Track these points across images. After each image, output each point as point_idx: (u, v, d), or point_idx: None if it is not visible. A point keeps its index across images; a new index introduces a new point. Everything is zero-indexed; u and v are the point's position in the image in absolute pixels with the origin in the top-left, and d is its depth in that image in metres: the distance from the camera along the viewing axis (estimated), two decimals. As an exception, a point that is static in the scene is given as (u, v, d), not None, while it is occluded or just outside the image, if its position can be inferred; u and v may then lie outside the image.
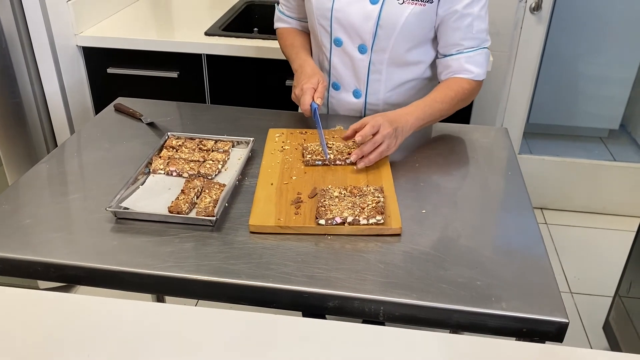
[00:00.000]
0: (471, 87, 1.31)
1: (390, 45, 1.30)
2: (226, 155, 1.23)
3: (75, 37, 1.94)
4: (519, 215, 1.08)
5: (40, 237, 0.99)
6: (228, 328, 0.82)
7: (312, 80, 1.27)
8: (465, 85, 1.30)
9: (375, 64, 1.34)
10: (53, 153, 1.28)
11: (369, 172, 1.16)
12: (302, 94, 1.26)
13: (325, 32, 1.34)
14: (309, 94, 1.25)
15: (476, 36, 1.29)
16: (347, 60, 1.36)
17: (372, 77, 1.36)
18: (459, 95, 1.29)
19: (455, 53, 1.30)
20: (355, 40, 1.32)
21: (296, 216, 1.02)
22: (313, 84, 1.26)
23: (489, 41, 1.32)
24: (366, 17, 1.27)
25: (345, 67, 1.37)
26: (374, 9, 1.26)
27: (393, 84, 1.37)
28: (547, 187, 2.59)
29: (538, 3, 2.20)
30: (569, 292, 2.18)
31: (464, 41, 1.29)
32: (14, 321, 0.83)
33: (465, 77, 1.30)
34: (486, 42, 1.31)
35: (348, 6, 1.28)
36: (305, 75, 1.30)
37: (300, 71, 1.33)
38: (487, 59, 1.32)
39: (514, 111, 2.43)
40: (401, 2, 1.25)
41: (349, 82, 1.39)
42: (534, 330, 0.85)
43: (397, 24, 1.26)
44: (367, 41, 1.31)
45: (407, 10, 1.25)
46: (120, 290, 0.95)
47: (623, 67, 2.68)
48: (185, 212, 1.03)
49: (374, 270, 0.92)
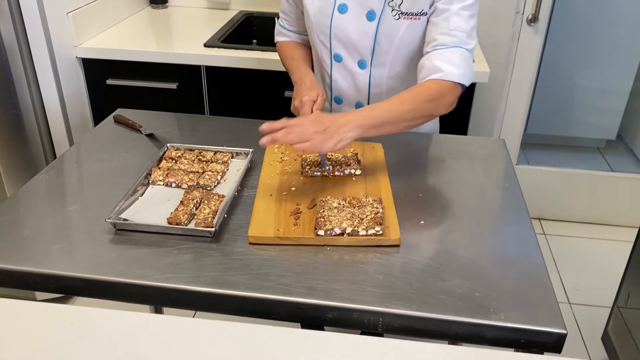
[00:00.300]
0: (439, 87, 1.19)
1: (389, 59, 1.31)
2: (225, 166, 1.23)
3: (74, 48, 1.95)
4: (516, 226, 1.09)
5: (39, 248, 0.99)
6: (227, 339, 0.82)
7: (312, 93, 1.28)
8: (431, 85, 1.19)
9: (376, 77, 1.35)
10: (52, 164, 1.28)
11: (368, 183, 1.17)
12: (301, 106, 1.26)
13: (325, 48, 1.35)
14: (308, 106, 1.25)
15: (452, 33, 1.21)
16: (347, 75, 1.37)
17: (373, 90, 1.37)
18: (421, 95, 1.17)
19: (430, 50, 1.23)
20: (354, 56, 1.33)
21: (295, 227, 1.03)
22: (312, 97, 1.27)
23: (470, 45, 1.23)
24: (364, 33, 1.29)
25: (346, 82, 1.38)
26: (371, 26, 1.28)
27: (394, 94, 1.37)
28: (545, 197, 2.60)
29: (535, 15, 2.22)
30: (568, 302, 2.18)
31: (439, 36, 1.22)
32: (12, 333, 0.83)
33: (434, 76, 1.19)
34: (465, 44, 1.22)
35: (346, 23, 1.29)
36: (304, 87, 1.31)
37: (300, 84, 1.34)
38: (463, 59, 1.21)
39: (511, 122, 2.44)
40: (397, 17, 1.26)
41: (350, 96, 1.40)
42: (532, 342, 0.85)
43: (395, 39, 1.28)
44: (366, 57, 1.32)
45: (403, 26, 1.26)
46: (118, 301, 0.95)
47: (619, 78, 2.70)
48: (184, 223, 1.03)
49: (373, 281, 0.92)
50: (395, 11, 1.26)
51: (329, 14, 1.30)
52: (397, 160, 1.28)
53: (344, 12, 1.29)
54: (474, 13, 1.25)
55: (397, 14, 1.26)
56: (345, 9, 1.28)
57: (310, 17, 1.33)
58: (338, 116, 1.11)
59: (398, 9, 1.25)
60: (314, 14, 1.32)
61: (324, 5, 1.30)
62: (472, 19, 1.24)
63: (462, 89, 1.23)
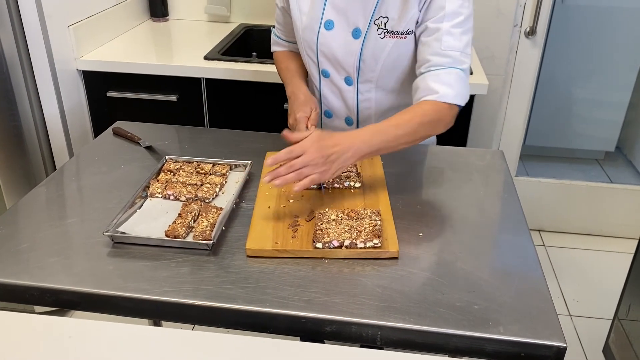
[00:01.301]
0: (436, 109, 1.18)
1: (376, 77, 1.31)
2: (224, 178, 1.23)
3: (75, 61, 1.96)
4: (515, 238, 1.08)
5: (36, 261, 0.99)
6: (225, 353, 0.82)
7: (305, 109, 1.29)
8: (427, 106, 1.18)
9: (363, 93, 1.35)
10: (51, 176, 1.28)
11: (366, 196, 1.17)
12: (296, 123, 1.27)
13: (313, 64, 1.36)
14: (302, 123, 1.26)
15: (445, 53, 1.19)
16: (335, 90, 1.37)
17: (362, 105, 1.37)
18: (417, 118, 1.16)
19: (425, 71, 1.22)
20: (341, 72, 1.33)
21: (293, 240, 1.02)
22: (306, 113, 1.28)
23: (465, 64, 1.21)
24: (349, 51, 1.29)
25: (335, 97, 1.39)
26: (356, 43, 1.28)
27: (383, 109, 1.38)
28: (545, 209, 2.59)
29: (532, 27, 2.23)
30: (568, 315, 2.17)
31: (432, 57, 1.20)
32: (9, 345, 0.82)
33: (430, 98, 1.18)
34: (460, 63, 1.20)
35: (332, 40, 1.30)
36: (297, 103, 1.32)
37: (293, 98, 1.35)
38: (459, 80, 1.19)
39: (510, 134, 2.45)
40: (382, 36, 1.25)
41: (339, 110, 1.41)
42: (532, 355, 0.85)
43: (380, 58, 1.28)
44: (352, 74, 1.32)
45: (389, 45, 1.26)
46: (116, 315, 0.95)
47: (618, 90, 2.71)
48: (182, 236, 1.03)
49: (372, 294, 0.92)
50: (380, 29, 1.25)
51: (315, 30, 1.30)
52: (396, 173, 1.28)
53: (330, 28, 1.29)
54: (467, 29, 1.22)
55: (383, 32, 1.25)
56: (331, 26, 1.29)
57: (299, 32, 1.34)
58: (340, 141, 1.08)
59: (384, 27, 1.25)
60: (302, 29, 1.32)
61: (311, 21, 1.30)
62: (465, 35, 1.21)
63: (459, 108, 1.22)
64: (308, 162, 1.05)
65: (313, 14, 1.30)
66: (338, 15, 1.28)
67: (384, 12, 1.24)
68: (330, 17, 1.28)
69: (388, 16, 1.24)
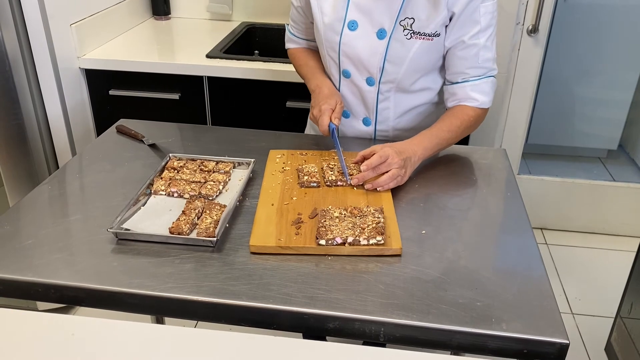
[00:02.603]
0: (476, 114, 1.31)
1: (399, 77, 1.31)
2: (227, 176, 1.23)
3: (78, 59, 1.97)
4: (518, 236, 1.08)
5: (40, 258, 0.99)
6: (228, 350, 0.82)
7: (330, 102, 1.29)
8: (471, 112, 1.30)
9: (384, 93, 1.35)
10: (55, 174, 1.29)
11: (369, 193, 1.17)
12: (320, 114, 1.27)
13: (334, 64, 1.35)
14: (327, 115, 1.26)
15: (482, 65, 1.28)
16: (355, 90, 1.37)
17: (381, 105, 1.37)
18: (465, 123, 1.29)
19: (461, 81, 1.30)
20: (363, 73, 1.33)
21: (297, 237, 1.03)
22: (331, 105, 1.28)
23: (495, 70, 1.32)
24: (373, 52, 1.28)
25: (354, 97, 1.38)
26: (381, 44, 1.27)
27: (401, 110, 1.38)
28: (547, 207, 2.59)
29: (535, 26, 2.23)
30: (570, 312, 2.17)
31: (470, 70, 1.29)
32: (13, 343, 0.82)
33: (470, 104, 1.30)
34: (492, 70, 1.31)
35: (355, 41, 1.28)
36: (322, 96, 1.32)
37: (317, 92, 1.34)
38: (492, 87, 1.32)
39: (512, 132, 2.44)
40: (409, 37, 1.25)
41: (358, 111, 1.40)
42: (535, 352, 0.85)
43: (405, 58, 1.28)
44: (374, 74, 1.32)
45: (415, 46, 1.26)
46: (120, 311, 0.95)
47: (620, 88, 2.71)
48: (186, 233, 1.03)
49: (375, 291, 0.92)
50: (407, 30, 1.25)
51: (338, 30, 1.29)
52: (399, 170, 1.28)
53: (354, 29, 1.28)
54: (495, 36, 1.29)
55: (409, 33, 1.25)
56: (355, 26, 1.28)
57: (320, 33, 1.32)
58: (406, 149, 1.21)
59: (410, 28, 1.24)
60: (323, 30, 1.31)
61: (334, 22, 1.29)
62: (494, 43, 1.30)
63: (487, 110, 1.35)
64: (392, 164, 1.16)
65: (335, 15, 1.28)
66: (362, 15, 1.27)
67: (410, 13, 1.24)
68: (354, 18, 1.27)
69: (414, 17, 1.24)
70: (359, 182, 1.17)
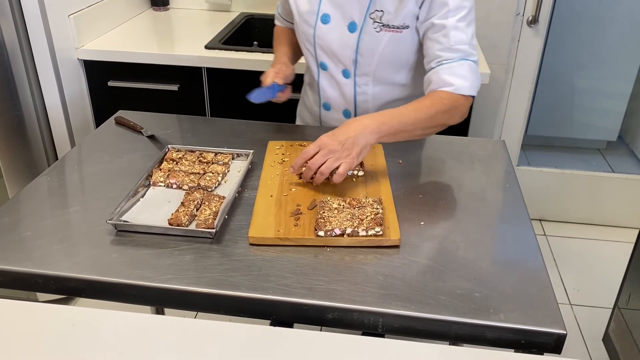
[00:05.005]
0: (452, 99, 1.21)
1: (372, 70, 1.32)
2: (226, 167, 1.23)
3: (76, 50, 1.96)
4: (517, 227, 1.09)
5: (40, 249, 1.00)
6: (227, 340, 0.82)
7: (276, 66, 1.38)
8: (445, 96, 1.21)
9: (361, 85, 1.35)
10: (54, 166, 1.29)
11: (368, 184, 1.17)
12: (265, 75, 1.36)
13: (311, 56, 1.37)
14: (269, 76, 1.35)
15: (455, 47, 1.22)
16: (333, 83, 1.38)
17: (359, 98, 1.37)
18: (437, 105, 1.20)
19: (435, 66, 1.24)
20: (338, 65, 1.34)
21: (295, 228, 1.03)
22: (275, 68, 1.37)
23: (474, 55, 1.24)
24: (345, 45, 1.30)
25: (333, 89, 1.39)
26: (352, 37, 1.28)
27: (380, 102, 1.38)
28: (546, 198, 2.60)
29: (535, 16, 2.22)
30: (569, 303, 2.18)
31: (442, 52, 1.23)
32: (13, 333, 0.83)
33: (446, 89, 1.22)
34: (470, 55, 1.23)
35: (328, 34, 1.30)
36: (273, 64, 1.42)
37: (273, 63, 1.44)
38: (472, 72, 1.23)
39: (512, 123, 2.44)
40: (378, 30, 1.26)
41: (337, 103, 1.41)
42: (532, 342, 0.86)
43: (376, 51, 1.28)
44: (349, 67, 1.33)
45: (384, 38, 1.26)
46: (120, 302, 0.95)
47: (620, 80, 2.70)
48: (185, 224, 1.03)
49: (373, 282, 0.93)
50: (376, 23, 1.25)
51: (312, 23, 1.31)
52: (397, 162, 1.28)
53: (327, 22, 1.29)
54: (471, 20, 1.24)
55: (379, 26, 1.25)
56: (328, 20, 1.29)
57: (297, 25, 1.35)
58: (351, 126, 1.12)
59: (379, 21, 1.25)
60: (299, 22, 1.34)
61: (308, 15, 1.31)
62: (469, 27, 1.23)
63: (473, 99, 1.25)
64: (325, 154, 1.09)
65: (310, 7, 1.31)
66: (334, 8, 1.28)
67: (379, 6, 1.25)
68: (327, 11, 1.29)
69: (383, 10, 1.24)
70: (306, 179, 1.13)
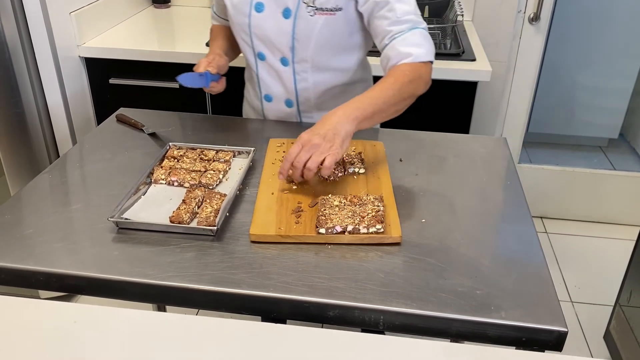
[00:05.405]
0: (413, 68, 1.21)
1: (310, 55, 1.32)
2: (227, 165, 1.23)
3: (77, 48, 1.96)
4: (518, 224, 1.09)
5: (42, 247, 1.00)
6: (229, 336, 0.83)
7: (209, 56, 1.38)
8: (405, 68, 1.21)
9: (300, 73, 1.36)
10: (55, 163, 1.29)
11: (369, 181, 1.17)
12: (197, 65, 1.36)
13: (248, 47, 1.37)
14: (201, 65, 1.35)
15: (403, 19, 1.23)
16: (272, 72, 1.39)
17: (300, 86, 1.38)
18: (400, 78, 1.19)
19: (389, 41, 1.24)
20: (276, 54, 1.34)
21: (297, 225, 1.03)
22: (209, 58, 1.36)
23: (423, 23, 1.25)
24: (281, 32, 1.30)
25: (273, 79, 1.40)
26: (287, 23, 1.28)
27: (320, 89, 1.38)
28: (547, 196, 2.59)
29: (536, 14, 2.22)
30: (570, 301, 2.18)
31: (392, 27, 1.23)
32: (15, 330, 0.83)
33: (405, 61, 1.21)
34: (419, 23, 1.24)
35: (263, 22, 1.30)
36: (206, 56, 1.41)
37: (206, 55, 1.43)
38: (424, 38, 1.24)
39: (513, 121, 2.44)
40: (312, 14, 1.26)
41: (278, 93, 1.42)
42: (533, 340, 0.86)
43: (312, 36, 1.29)
44: (286, 54, 1.33)
45: (319, 22, 1.27)
46: (121, 300, 0.96)
47: (622, 77, 2.70)
48: (186, 222, 1.04)
49: (374, 279, 0.93)
50: (310, 7, 1.26)
51: (246, 12, 1.31)
52: (399, 158, 1.28)
53: (261, 10, 1.29)
54: None
55: (312, 10, 1.26)
56: (262, 8, 1.29)
57: (231, 17, 1.35)
58: (328, 119, 1.12)
59: (313, 4, 1.26)
60: (233, 13, 1.34)
61: (242, 4, 1.31)
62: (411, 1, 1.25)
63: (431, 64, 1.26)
64: (308, 149, 1.08)
65: None
66: None
67: None
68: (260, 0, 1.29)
69: None
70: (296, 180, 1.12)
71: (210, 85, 1.36)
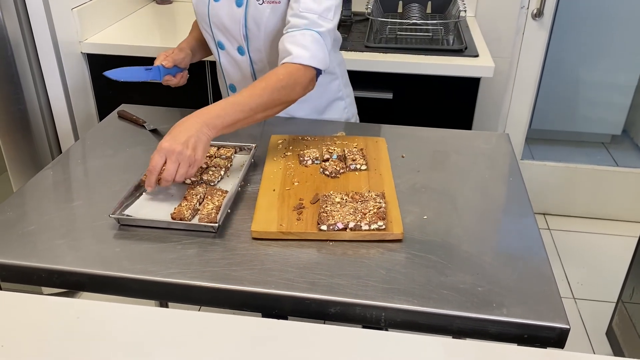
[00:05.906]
0: (289, 72, 1.17)
1: (262, 45, 1.34)
2: (229, 161, 1.23)
3: (79, 44, 1.96)
4: (520, 221, 1.08)
5: (44, 243, 1.00)
6: (230, 333, 0.83)
7: (169, 50, 1.42)
8: (281, 71, 1.17)
9: (257, 62, 1.38)
10: (57, 160, 1.29)
11: (371, 178, 1.17)
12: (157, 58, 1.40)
13: (209, 36, 1.41)
14: (160, 57, 1.39)
15: (302, 15, 1.20)
16: (232, 61, 1.41)
17: (259, 75, 1.40)
18: (271, 84, 1.15)
19: (284, 33, 1.22)
20: (233, 42, 1.37)
21: (298, 222, 1.03)
22: (167, 52, 1.40)
23: (322, 27, 1.20)
24: (235, 20, 1.32)
25: (233, 69, 1.43)
26: (239, 12, 1.31)
27: None
28: (550, 192, 2.59)
29: (540, 9, 2.21)
30: (572, 297, 2.18)
31: (291, 18, 1.21)
32: (18, 326, 0.83)
33: (285, 59, 1.18)
34: (317, 25, 1.20)
35: (220, 10, 1.33)
36: None
37: None
38: (314, 42, 1.19)
39: (516, 117, 2.43)
40: (261, 3, 1.29)
41: (240, 83, 1.44)
42: (535, 336, 0.85)
43: (261, 24, 1.31)
44: (241, 43, 1.36)
45: (266, 11, 1.29)
46: (123, 296, 0.96)
47: (625, 73, 2.69)
48: (187, 218, 1.04)
49: (376, 276, 0.93)
50: None
51: (206, 2, 1.34)
52: (400, 155, 1.28)
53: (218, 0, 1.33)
54: None
55: None
56: None
57: (194, 7, 1.39)
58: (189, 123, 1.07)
59: None
60: (195, 3, 1.37)
61: None
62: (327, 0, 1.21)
63: (318, 72, 1.22)
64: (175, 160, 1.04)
65: None
66: None
67: None
68: None
69: None
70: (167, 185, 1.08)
71: (165, 79, 1.39)
